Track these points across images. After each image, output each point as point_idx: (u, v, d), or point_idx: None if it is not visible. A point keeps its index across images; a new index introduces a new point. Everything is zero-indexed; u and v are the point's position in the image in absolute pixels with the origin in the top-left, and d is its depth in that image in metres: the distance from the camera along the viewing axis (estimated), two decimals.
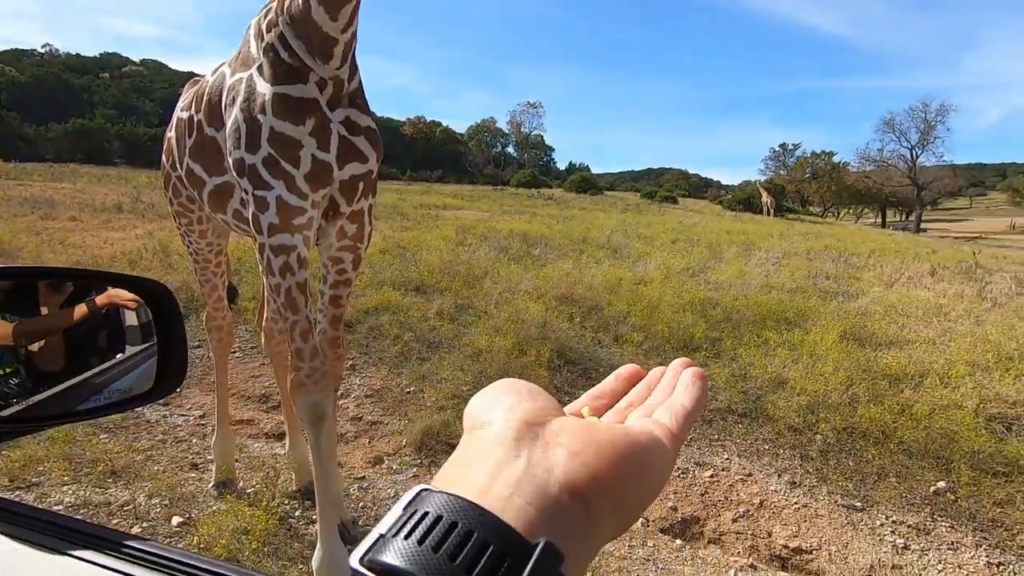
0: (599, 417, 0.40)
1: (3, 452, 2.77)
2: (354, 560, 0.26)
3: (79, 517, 2.34)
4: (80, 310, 1.03)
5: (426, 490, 0.29)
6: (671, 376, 0.43)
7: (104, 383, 0.91)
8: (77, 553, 0.60)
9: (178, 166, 2.19)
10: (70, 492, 2.51)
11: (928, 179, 42.68)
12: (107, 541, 0.62)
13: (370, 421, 3.46)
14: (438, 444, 3.15)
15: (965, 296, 7.02)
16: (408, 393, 3.78)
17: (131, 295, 0.97)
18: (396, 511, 0.28)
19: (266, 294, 2.61)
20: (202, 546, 2.11)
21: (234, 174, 1.73)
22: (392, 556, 0.25)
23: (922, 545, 2.61)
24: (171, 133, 2.27)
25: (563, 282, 6.13)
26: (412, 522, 0.26)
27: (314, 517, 2.43)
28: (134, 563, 0.59)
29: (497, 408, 0.34)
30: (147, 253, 6.93)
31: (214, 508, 2.44)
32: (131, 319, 1.06)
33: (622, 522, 0.32)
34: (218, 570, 0.60)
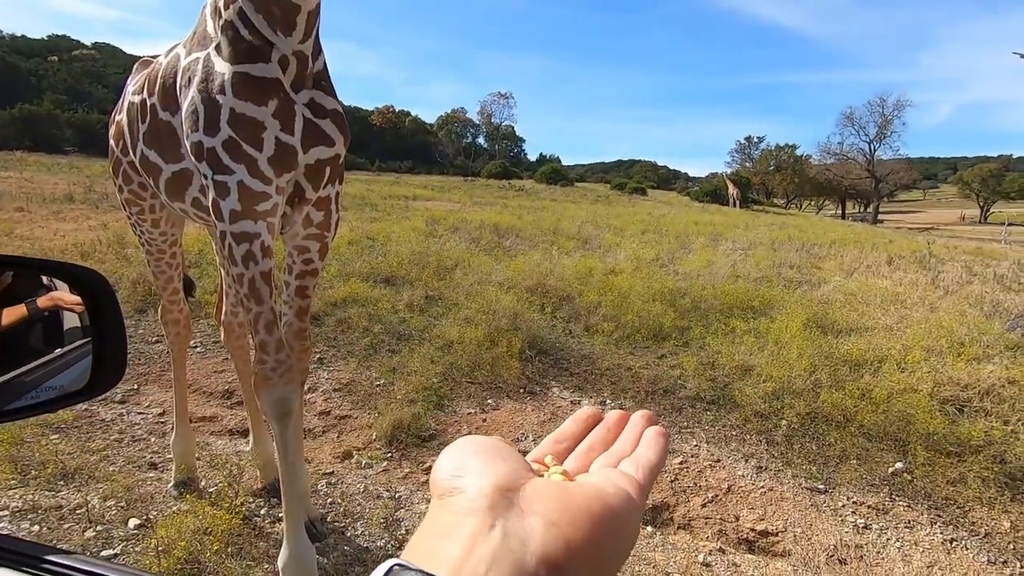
0: (561, 463, 0.41)
1: None
2: None
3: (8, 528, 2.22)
4: (19, 311, 0.96)
5: (399, 565, 0.27)
6: (633, 428, 0.44)
7: (37, 380, 0.84)
8: None
9: (130, 151, 2.07)
10: (17, 496, 2.38)
11: (885, 172, 44.20)
12: (24, 556, 0.56)
13: (338, 415, 3.39)
14: (408, 437, 3.11)
15: (920, 284, 7.30)
16: (378, 386, 3.71)
17: (75, 298, 0.90)
18: None
19: (224, 287, 2.52)
20: (161, 549, 2.02)
21: (192, 159, 1.64)
22: None
23: (881, 524, 2.70)
24: (121, 116, 2.15)
25: (534, 273, 6.12)
26: None
27: (280, 515, 2.36)
28: None
29: (467, 473, 0.33)
30: (101, 245, 6.63)
31: (174, 509, 2.35)
32: (71, 316, 0.99)
33: None
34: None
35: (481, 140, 58.92)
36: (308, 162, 1.68)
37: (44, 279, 0.91)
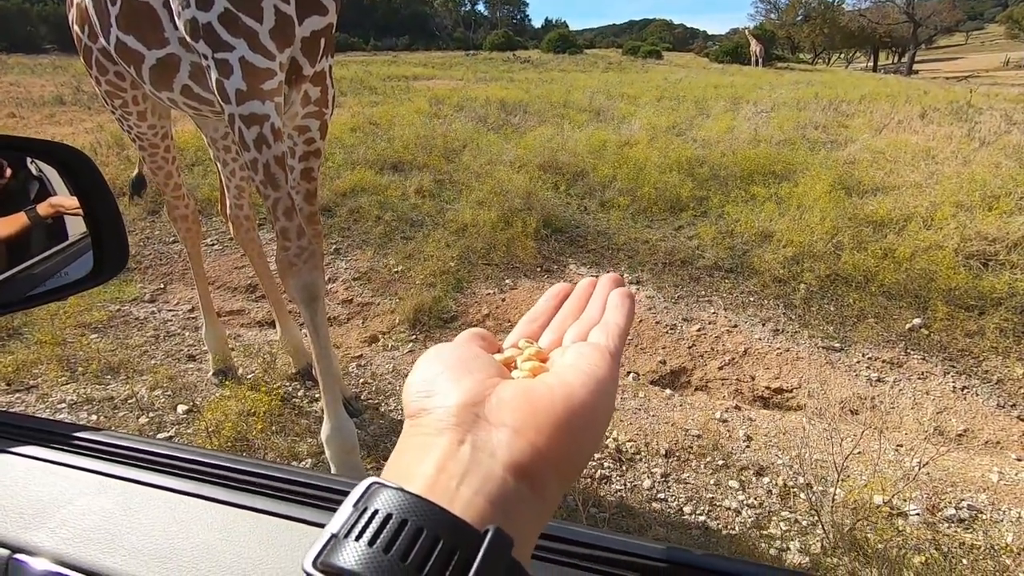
0: (536, 340, 0.42)
1: None
2: (307, 563, 0.26)
3: (20, 412, 2.39)
4: (19, 220, 0.93)
5: (376, 483, 0.29)
6: (601, 293, 0.45)
7: (46, 272, 0.83)
8: (19, 449, 0.57)
9: (101, 37, 1.90)
10: (71, 391, 2.54)
11: (926, 14, 40.07)
12: (54, 434, 0.58)
13: (361, 303, 3.46)
14: (431, 320, 3.19)
15: (954, 137, 6.89)
16: (396, 273, 3.75)
17: (74, 201, 0.86)
18: (347, 508, 0.28)
19: (223, 180, 2.44)
20: (211, 429, 2.18)
21: (188, 39, 1.51)
22: (344, 559, 0.25)
23: (895, 377, 2.78)
24: None
25: (545, 149, 5.88)
26: (363, 521, 0.27)
27: (316, 396, 2.51)
28: (82, 455, 0.56)
29: (434, 392, 0.34)
30: (101, 148, 6.47)
31: (217, 395, 2.50)
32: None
33: (566, 481, 0.32)
34: (169, 451, 0.56)
35: (481, 7, 54.20)
36: (304, 35, 1.57)
37: (29, 163, 0.86)
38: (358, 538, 0.26)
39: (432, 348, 0.38)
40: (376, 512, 0.27)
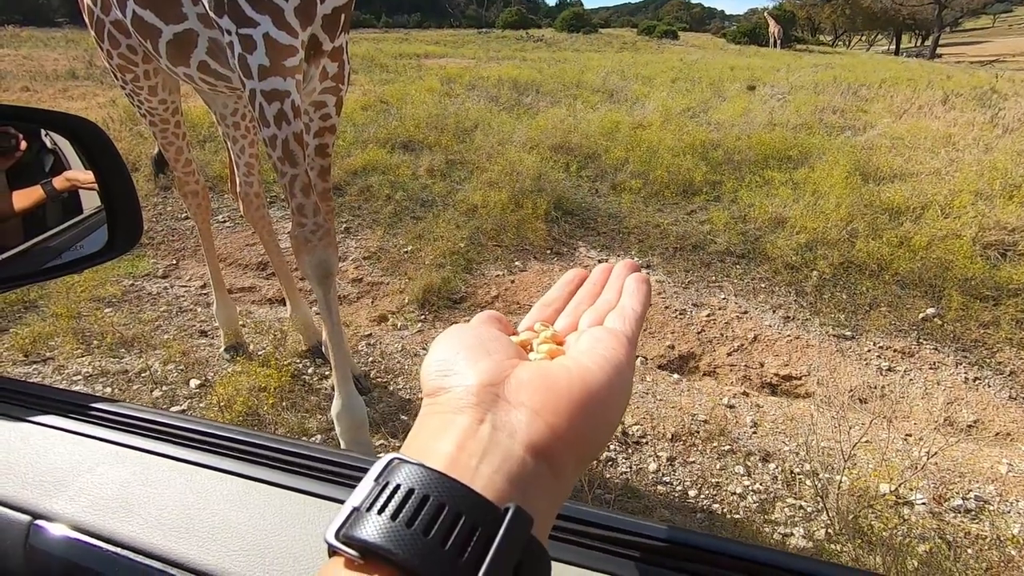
0: (551, 324, 0.42)
1: (11, 330, 2.81)
2: (330, 535, 0.26)
3: (45, 383, 2.43)
4: (35, 194, 0.94)
5: (397, 459, 0.29)
6: (617, 278, 0.45)
7: (61, 246, 0.84)
8: (38, 419, 0.58)
9: (115, 9, 1.89)
10: (86, 363, 2.58)
11: None
12: (71, 405, 0.59)
13: (370, 282, 3.48)
14: (440, 300, 3.19)
15: (976, 124, 6.73)
16: (405, 253, 3.75)
17: (89, 175, 0.86)
18: (368, 483, 0.28)
19: (232, 158, 2.44)
20: (222, 404, 2.21)
21: (212, 14, 1.51)
22: (367, 532, 0.25)
23: (905, 366, 2.76)
24: None
25: (557, 130, 5.82)
26: (384, 495, 0.27)
27: (325, 373, 2.53)
28: (99, 425, 0.57)
29: (453, 372, 0.34)
30: (114, 123, 6.48)
31: (228, 370, 2.53)
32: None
33: (583, 462, 0.32)
34: (184, 424, 0.57)
35: None
36: (325, 12, 1.58)
37: (44, 136, 0.86)
38: (380, 511, 0.26)
39: (450, 328, 0.38)
40: (398, 487, 0.27)
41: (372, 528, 0.25)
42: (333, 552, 0.26)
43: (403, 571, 0.24)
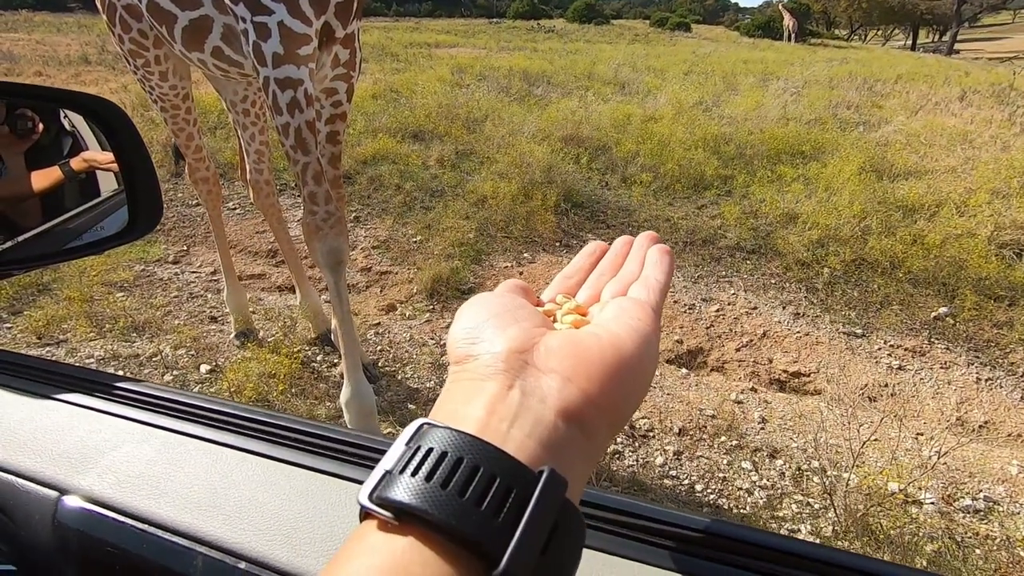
0: (574, 296, 0.42)
1: (25, 312, 2.84)
2: (363, 497, 0.26)
3: (71, 363, 2.45)
4: (54, 174, 0.94)
5: (427, 424, 0.29)
6: (639, 249, 0.45)
7: (80, 227, 0.84)
8: (63, 396, 0.58)
9: None
10: (98, 346, 2.60)
11: None
12: (95, 383, 0.59)
13: (379, 271, 3.48)
14: (448, 291, 3.20)
15: (994, 121, 6.64)
16: (415, 243, 3.75)
17: (108, 156, 0.86)
18: (399, 447, 0.28)
19: (243, 145, 2.44)
20: (233, 389, 2.23)
21: (227, 1, 1.52)
22: (401, 493, 0.25)
23: (917, 365, 2.74)
24: None
25: (568, 122, 5.78)
26: (417, 458, 0.26)
27: (334, 361, 2.55)
28: (124, 404, 0.57)
29: (480, 339, 0.33)
30: (126, 108, 6.47)
31: (239, 356, 2.55)
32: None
33: (614, 428, 0.32)
34: (207, 404, 0.57)
35: None
36: (338, 0, 1.59)
37: (62, 118, 0.87)
38: (413, 474, 0.26)
39: (476, 296, 0.38)
40: (431, 450, 0.27)
41: (406, 490, 0.25)
42: (366, 515, 0.26)
43: (440, 531, 0.24)
